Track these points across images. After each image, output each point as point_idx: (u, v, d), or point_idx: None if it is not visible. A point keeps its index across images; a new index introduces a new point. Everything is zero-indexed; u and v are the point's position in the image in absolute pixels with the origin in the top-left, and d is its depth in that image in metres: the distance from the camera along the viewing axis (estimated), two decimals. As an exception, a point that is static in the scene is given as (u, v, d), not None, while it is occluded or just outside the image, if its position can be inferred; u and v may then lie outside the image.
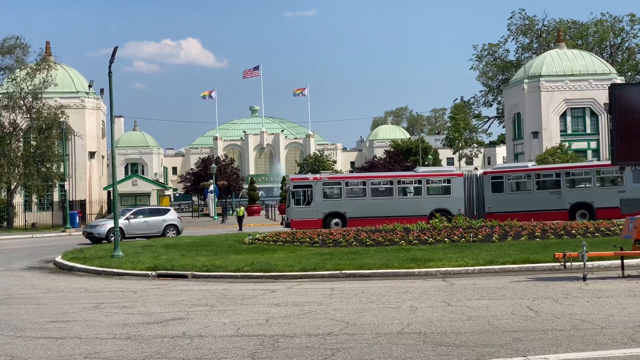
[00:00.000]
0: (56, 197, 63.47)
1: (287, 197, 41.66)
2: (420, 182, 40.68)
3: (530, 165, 44.58)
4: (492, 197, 40.06)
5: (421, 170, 44.25)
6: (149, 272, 21.64)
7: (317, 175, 41.94)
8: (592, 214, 38.09)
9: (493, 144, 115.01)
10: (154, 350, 10.52)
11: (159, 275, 21.34)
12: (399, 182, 40.94)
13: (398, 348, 10.16)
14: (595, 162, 45.34)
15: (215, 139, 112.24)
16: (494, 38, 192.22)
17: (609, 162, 46.70)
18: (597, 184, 39.84)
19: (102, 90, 64.91)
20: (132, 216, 38.73)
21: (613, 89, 18.05)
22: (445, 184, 40.66)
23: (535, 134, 72.45)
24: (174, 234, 38.86)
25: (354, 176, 46.58)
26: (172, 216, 40.31)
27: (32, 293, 18.51)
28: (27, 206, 62.66)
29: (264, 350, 10.28)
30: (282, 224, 44.37)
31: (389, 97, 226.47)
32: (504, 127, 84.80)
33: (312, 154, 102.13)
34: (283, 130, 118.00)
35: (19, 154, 56.40)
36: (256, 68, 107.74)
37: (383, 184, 41.26)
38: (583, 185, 40.17)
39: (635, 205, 37.79)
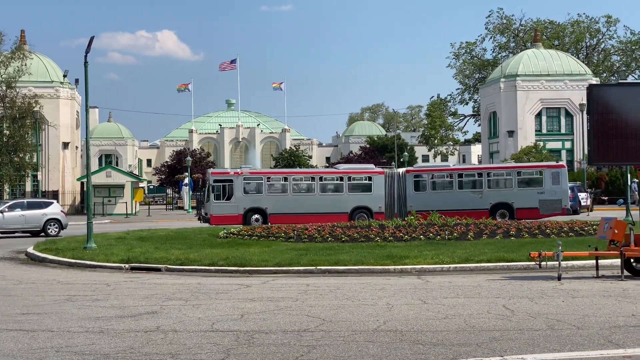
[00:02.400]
0: (29, 187, 62.88)
1: (206, 192, 40.63)
2: (341, 179, 40.59)
3: (452, 165, 45.22)
4: (414, 196, 40.22)
5: (342, 167, 44.23)
6: (123, 265, 21.43)
7: (238, 170, 41.32)
8: (512, 214, 38.71)
9: (468, 142, 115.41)
10: (127, 345, 10.38)
11: (133, 268, 21.13)
12: (320, 178, 40.83)
13: (374, 346, 10.09)
14: (515, 164, 46.49)
15: (191, 131, 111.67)
16: (471, 36, 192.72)
17: (529, 164, 48.25)
18: (518, 185, 40.45)
19: (77, 81, 64.20)
20: (7, 209, 36.81)
21: (591, 89, 18.09)
22: (366, 182, 40.63)
23: (511, 133, 72.81)
24: (56, 229, 36.97)
25: (276, 171, 46.16)
26: (54, 210, 38.12)
27: (2, 284, 18.25)
28: (-1, 196, 62.01)
29: (239, 347, 10.17)
30: (199, 219, 42.84)
31: (365, 93, 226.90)
32: (479, 125, 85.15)
33: (288, 148, 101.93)
34: (259, 124, 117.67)
35: (-8, 142, 55.72)
36: (233, 61, 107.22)
37: (305, 180, 41.09)
38: (504, 186, 40.76)
39: (553, 206, 39.31)
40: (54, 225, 37.18)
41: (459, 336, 10.70)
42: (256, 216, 39.02)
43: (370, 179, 40.57)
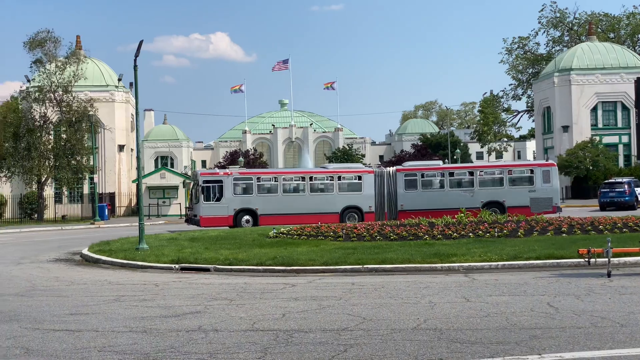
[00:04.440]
0: (86, 189, 64.11)
1: (194, 193, 40.46)
2: (331, 178, 40.62)
3: (442, 163, 45.14)
4: (405, 195, 40.24)
5: (332, 166, 44.05)
6: (173, 265, 21.71)
7: (228, 170, 41.31)
8: (503, 212, 38.43)
9: (523, 138, 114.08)
10: (167, 344, 10.53)
11: (182, 269, 21.39)
12: (310, 178, 40.74)
13: (412, 344, 10.07)
14: (506, 162, 46.39)
15: (244, 132, 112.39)
16: (524, 31, 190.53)
17: (520, 163, 47.87)
18: (509, 183, 40.64)
19: (131, 84, 65.37)
20: None
21: (639, 82, 17.76)
22: (356, 181, 40.67)
23: (566, 128, 71.80)
24: None
25: (266, 172, 45.97)
26: None
27: (55, 285, 18.65)
28: (58, 198, 63.41)
29: (277, 345, 10.24)
30: (186, 221, 42.66)
31: (418, 90, 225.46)
32: (533, 121, 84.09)
33: (340, 147, 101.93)
34: (312, 123, 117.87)
35: (50, 146, 57.00)
36: (285, 61, 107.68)
37: (295, 180, 41.05)
38: (495, 185, 40.81)
39: (544, 204, 39.63)
40: None
41: (498, 334, 10.61)
42: (247, 217, 39.05)
43: (360, 178, 40.63)
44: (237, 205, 39.24)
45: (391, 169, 41.61)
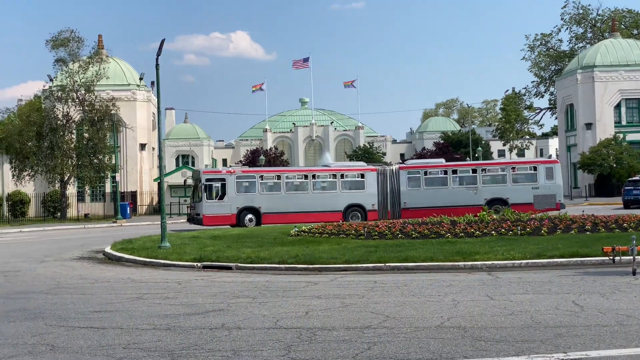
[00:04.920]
0: (108, 188, 64.46)
1: (197, 192, 40.16)
2: (334, 176, 40.51)
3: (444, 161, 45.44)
4: (408, 193, 40.21)
5: (335, 164, 43.98)
6: (195, 264, 21.77)
7: (231, 169, 41.16)
8: None
9: (545, 136, 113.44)
10: (191, 342, 10.56)
11: (205, 267, 21.44)
12: (313, 176, 40.59)
13: (436, 342, 10.03)
14: (509, 160, 46.59)
15: (265, 131, 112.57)
16: (546, 28, 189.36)
17: (523, 160, 47.93)
18: (512, 180, 40.66)
19: (152, 83, 65.61)
20: None
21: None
22: (359, 179, 40.61)
23: (589, 126, 71.31)
24: None
25: (269, 170, 45.73)
26: None
27: (79, 283, 18.77)
28: (80, 197, 63.84)
29: (300, 343, 10.24)
30: (188, 220, 42.31)
31: (439, 88, 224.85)
32: (556, 118, 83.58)
33: (361, 145, 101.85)
34: (332, 122, 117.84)
35: (72, 145, 57.40)
36: (305, 60, 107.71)
37: (298, 178, 40.91)
38: (498, 182, 40.82)
39: (548, 201, 39.81)
40: None
41: (523, 332, 10.55)
42: (250, 216, 38.93)
43: (363, 176, 40.60)
44: (240, 203, 39.10)
45: (394, 167, 41.66)
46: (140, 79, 68.73)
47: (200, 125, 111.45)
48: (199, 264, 21.67)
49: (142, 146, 67.85)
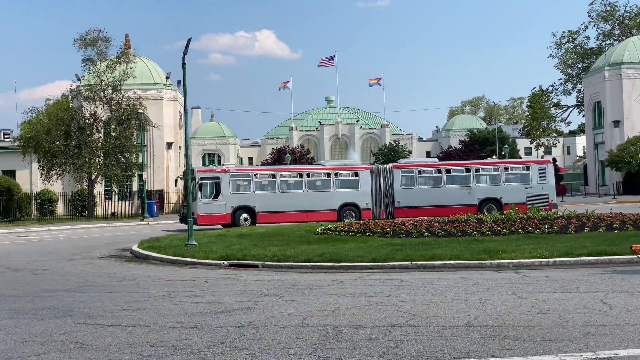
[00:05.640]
0: (135, 187, 64.82)
1: (192, 190, 39.55)
2: (328, 175, 40.33)
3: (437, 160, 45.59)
4: (401, 192, 40.21)
5: (328, 163, 43.68)
6: (221, 262, 21.83)
7: (225, 167, 40.81)
8: (500, 209, 38.93)
9: (573, 134, 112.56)
10: (218, 340, 10.60)
11: (231, 265, 21.50)
12: (308, 175, 40.40)
13: (463, 341, 9.99)
14: (502, 160, 46.83)
15: (291, 129, 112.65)
16: (573, 25, 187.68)
17: (517, 160, 47.89)
18: (506, 180, 40.91)
19: (179, 82, 66.04)
20: None
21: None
22: (353, 177, 40.53)
23: (617, 123, 70.66)
24: None
25: (263, 168, 45.46)
26: None
27: (107, 281, 18.90)
28: (108, 196, 64.27)
29: (327, 342, 10.24)
30: (181, 220, 41.26)
31: (465, 86, 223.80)
32: (583, 116, 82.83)
33: (387, 144, 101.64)
34: (358, 120, 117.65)
35: (100, 144, 57.78)
36: (331, 58, 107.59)
37: (292, 177, 40.61)
38: (492, 182, 41.05)
39: (541, 201, 40.09)
40: None
41: (551, 331, 10.48)
42: (245, 215, 38.68)
43: (356, 174, 40.51)
44: (235, 202, 38.79)
45: (388, 166, 41.61)
46: (167, 78, 69.07)
47: (226, 124, 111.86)
48: (225, 262, 21.74)
49: (169, 145, 68.17)
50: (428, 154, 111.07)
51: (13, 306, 14.67)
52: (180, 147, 72.65)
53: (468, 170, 41.33)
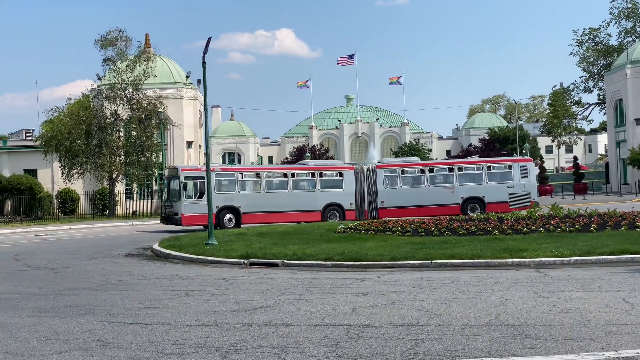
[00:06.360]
0: (155, 185, 65.04)
1: (173, 190, 38.97)
2: (313, 175, 40.07)
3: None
4: (385, 192, 40.12)
5: (312, 162, 43.40)
6: (242, 260, 21.87)
7: (210, 166, 40.74)
8: (483, 208, 39.17)
9: (594, 132, 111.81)
10: (239, 338, 10.63)
11: (252, 264, 21.53)
12: (292, 175, 40.11)
13: (484, 340, 9.96)
14: (485, 159, 46.88)
15: (311, 128, 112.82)
16: (595, 22, 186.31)
17: (499, 159, 47.80)
18: (488, 179, 40.85)
19: (199, 81, 65.99)
20: None
21: None
22: (337, 177, 40.32)
23: (638, 121, 70.06)
24: None
25: (248, 168, 44.92)
26: None
27: (128, 279, 19.01)
28: (128, 194, 64.57)
29: (348, 340, 10.24)
30: (162, 220, 40.71)
31: (485, 84, 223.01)
32: (605, 114, 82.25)
33: (407, 142, 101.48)
34: (378, 119, 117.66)
35: (120, 143, 58.01)
36: (351, 57, 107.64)
37: (277, 177, 40.35)
38: (474, 181, 40.92)
39: (522, 200, 40.16)
40: None
41: (572, 330, 10.42)
42: (229, 216, 38.28)
43: (340, 174, 40.33)
44: (220, 202, 37.79)
45: (371, 166, 41.41)
46: (187, 77, 69.25)
47: (246, 122, 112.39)
48: (246, 261, 21.78)
49: (189, 144, 68.36)
50: (448, 153, 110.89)
51: (35, 304, 14.78)
52: (200, 146, 72.85)
53: (451, 170, 41.42)
